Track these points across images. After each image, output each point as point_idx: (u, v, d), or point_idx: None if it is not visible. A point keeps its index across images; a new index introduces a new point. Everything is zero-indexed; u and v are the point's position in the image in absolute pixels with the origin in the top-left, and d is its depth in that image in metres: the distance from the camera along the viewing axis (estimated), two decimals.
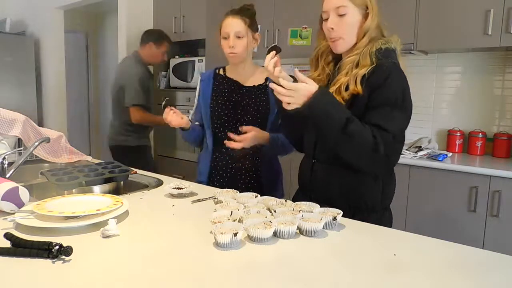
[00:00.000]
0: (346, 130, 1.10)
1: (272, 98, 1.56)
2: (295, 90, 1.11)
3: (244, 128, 1.52)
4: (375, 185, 1.26)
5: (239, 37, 1.58)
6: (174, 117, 1.57)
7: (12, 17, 4.93)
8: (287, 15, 3.08)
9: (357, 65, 1.20)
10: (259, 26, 1.70)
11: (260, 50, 3.23)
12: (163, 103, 1.58)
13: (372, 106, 1.17)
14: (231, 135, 1.51)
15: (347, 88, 1.18)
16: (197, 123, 1.74)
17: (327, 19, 1.25)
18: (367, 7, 1.23)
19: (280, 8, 3.13)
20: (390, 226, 1.29)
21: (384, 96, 1.16)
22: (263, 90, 1.64)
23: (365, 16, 1.23)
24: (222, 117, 1.65)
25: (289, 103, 1.13)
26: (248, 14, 1.62)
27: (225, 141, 1.51)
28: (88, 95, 5.92)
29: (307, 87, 1.11)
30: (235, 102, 1.64)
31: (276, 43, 1.33)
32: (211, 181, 1.66)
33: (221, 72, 1.73)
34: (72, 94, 5.40)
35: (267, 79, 1.64)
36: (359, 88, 1.17)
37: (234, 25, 1.58)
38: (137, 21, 3.85)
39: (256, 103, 1.64)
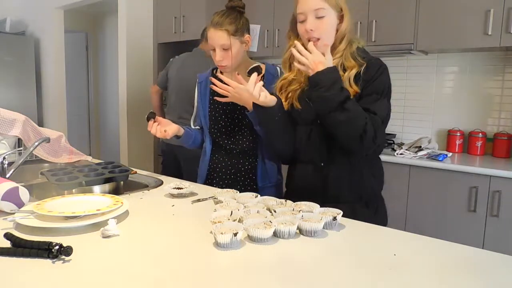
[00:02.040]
0: (343, 105, 1.18)
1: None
2: (313, 55, 1.19)
3: (238, 76, 1.37)
4: (374, 174, 1.36)
5: (225, 49, 1.50)
6: (158, 130, 1.51)
7: (12, 17, 4.93)
8: (287, 15, 3.07)
9: (343, 69, 1.25)
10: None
11: (260, 50, 3.25)
12: (147, 115, 1.53)
13: (363, 95, 1.25)
14: (215, 81, 1.41)
15: None
16: (198, 127, 1.71)
17: (303, 21, 1.27)
18: (341, 9, 1.26)
19: (280, 8, 3.13)
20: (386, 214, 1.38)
21: (375, 86, 1.25)
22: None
23: (340, 18, 1.27)
24: (219, 122, 1.61)
25: (303, 66, 1.22)
26: (231, 19, 1.50)
27: (211, 85, 1.43)
28: (88, 95, 5.92)
29: (321, 56, 1.20)
30: (233, 105, 1.58)
31: (257, 65, 1.28)
32: (209, 185, 1.64)
33: (219, 73, 1.65)
34: (72, 94, 5.40)
35: (263, 77, 1.57)
36: (355, 88, 1.24)
37: (218, 38, 1.49)
38: (137, 21, 3.85)
39: None
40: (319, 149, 1.32)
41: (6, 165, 1.52)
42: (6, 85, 4.66)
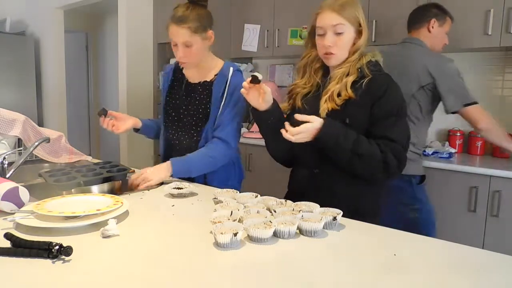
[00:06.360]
0: (355, 152, 1.21)
1: (216, 96, 1.52)
2: (304, 132, 1.20)
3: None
4: (377, 190, 1.34)
5: (187, 46, 1.47)
6: (109, 124, 1.55)
7: (12, 17, 4.93)
8: (287, 15, 3.08)
9: (347, 75, 1.28)
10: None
11: (260, 50, 3.25)
12: (98, 111, 1.57)
13: (377, 118, 1.24)
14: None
15: (339, 95, 1.26)
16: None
17: (322, 35, 1.28)
18: (359, 24, 1.28)
19: (280, 8, 3.13)
20: None
21: (388, 107, 1.24)
22: (207, 88, 1.56)
23: (357, 32, 1.29)
24: (169, 116, 1.63)
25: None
26: (194, 16, 1.45)
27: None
28: (88, 95, 5.92)
29: (313, 126, 1.20)
30: (181, 100, 1.60)
31: (258, 76, 1.24)
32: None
33: (181, 66, 1.66)
34: (72, 94, 5.39)
35: (216, 75, 1.56)
36: (350, 93, 1.24)
37: (180, 35, 1.45)
38: (137, 21, 3.85)
39: (197, 101, 1.57)
40: (315, 155, 1.32)
41: (6, 165, 1.52)
42: (6, 85, 4.66)
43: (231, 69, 1.55)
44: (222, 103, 1.53)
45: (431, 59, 1.96)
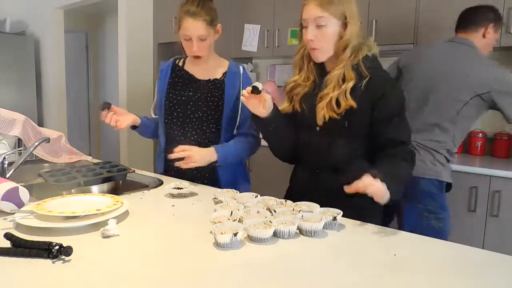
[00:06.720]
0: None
1: (228, 94, 1.54)
2: (380, 189, 1.04)
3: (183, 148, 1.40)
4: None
5: (202, 40, 1.49)
6: (112, 119, 1.52)
7: (12, 17, 4.93)
8: (287, 15, 3.08)
9: (343, 79, 1.23)
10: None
11: (260, 50, 3.25)
12: (101, 105, 1.54)
13: (381, 119, 1.22)
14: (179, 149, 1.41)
15: (338, 103, 1.21)
16: (155, 116, 1.70)
17: (306, 27, 1.25)
18: (345, 17, 1.22)
19: (280, 8, 3.13)
20: None
21: (390, 107, 1.22)
22: (218, 85, 1.57)
23: (343, 26, 1.23)
24: (173, 113, 1.61)
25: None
26: (207, 9, 1.48)
27: (170, 155, 1.41)
28: (88, 95, 5.92)
29: (378, 187, 1.05)
30: (187, 97, 1.59)
31: (259, 87, 1.22)
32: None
33: (180, 63, 1.67)
34: (72, 94, 5.39)
35: (224, 74, 1.59)
36: (350, 102, 1.20)
37: (197, 29, 1.46)
38: (137, 21, 3.85)
39: (207, 98, 1.57)
40: (317, 155, 1.31)
41: (6, 165, 1.52)
42: (6, 85, 4.66)
43: (241, 67, 1.59)
44: (240, 102, 1.53)
45: (486, 67, 1.85)
